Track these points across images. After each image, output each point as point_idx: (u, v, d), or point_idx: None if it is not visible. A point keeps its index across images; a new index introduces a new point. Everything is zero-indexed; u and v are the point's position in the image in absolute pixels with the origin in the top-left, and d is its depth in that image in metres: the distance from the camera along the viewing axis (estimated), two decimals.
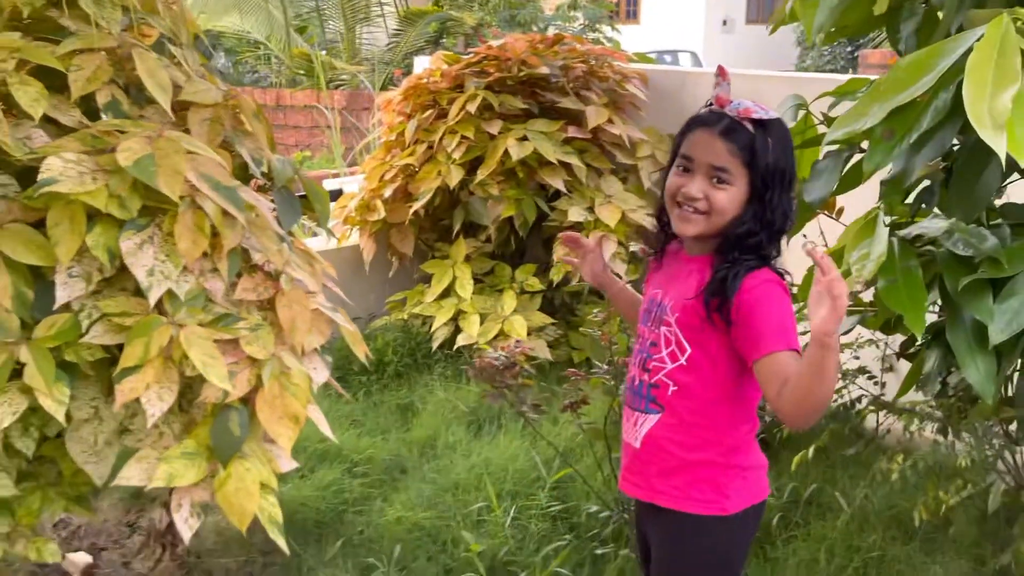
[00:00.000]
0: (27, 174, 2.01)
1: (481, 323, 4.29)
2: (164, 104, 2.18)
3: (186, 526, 2.03)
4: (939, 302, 2.17)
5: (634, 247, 4.02)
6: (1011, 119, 1.59)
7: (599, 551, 2.94)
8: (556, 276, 4.34)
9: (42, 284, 1.95)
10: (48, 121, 2.12)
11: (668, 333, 1.84)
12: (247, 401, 2.04)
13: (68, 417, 1.94)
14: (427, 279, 4.60)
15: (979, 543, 3.06)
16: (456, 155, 4.28)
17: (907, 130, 1.85)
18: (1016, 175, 2.32)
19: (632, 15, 24.54)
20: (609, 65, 4.63)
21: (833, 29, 2.28)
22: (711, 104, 1.83)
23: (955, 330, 2.05)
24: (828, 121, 2.44)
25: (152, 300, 1.88)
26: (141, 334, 1.88)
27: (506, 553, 2.99)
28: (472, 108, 4.29)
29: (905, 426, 2.62)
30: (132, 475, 1.99)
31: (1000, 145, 1.58)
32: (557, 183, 4.25)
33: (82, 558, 3.06)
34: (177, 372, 1.93)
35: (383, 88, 9.38)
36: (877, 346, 2.92)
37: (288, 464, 2.21)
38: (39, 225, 1.96)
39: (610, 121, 4.35)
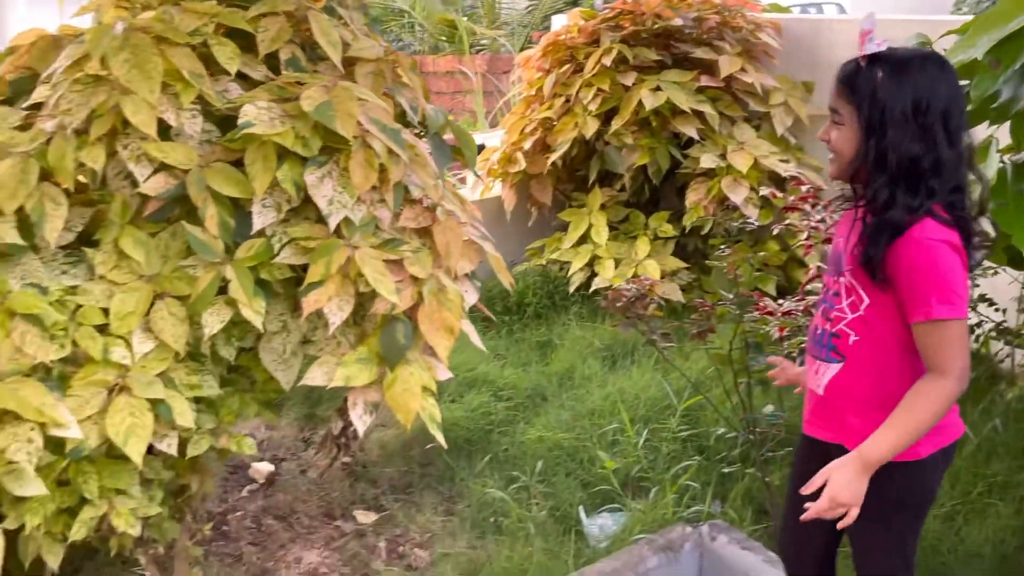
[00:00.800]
0: (225, 122, 2.37)
1: (615, 268, 4.52)
2: (335, 59, 2.49)
3: (360, 421, 2.36)
4: None
5: (764, 191, 4.13)
6: None
7: (726, 470, 3.16)
8: (689, 222, 4.52)
9: (240, 214, 2.31)
10: (239, 76, 2.46)
11: (847, 283, 1.85)
12: (410, 315, 2.35)
13: (262, 328, 2.29)
14: (564, 227, 4.85)
15: None
16: (592, 107, 4.51)
17: (1013, 59, 1.98)
18: None
19: None
20: (742, 15, 4.74)
21: None
22: None
23: None
24: None
25: (332, 225, 2.20)
26: (323, 254, 2.21)
27: (638, 471, 3.24)
28: (607, 61, 4.50)
29: None
30: (315, 377, 2.33)
31: None
32: (690, 131, 4.43)
33: (265, 467, 3.50)
34: (353, 288, 2.25)
35: (522, 51, 9.63)
36: (995, 273, 2.99)
37: (444, 374, 2.50)
38: (236, 164, 2.31)
39: (743, 70, 4.48)
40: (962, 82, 2.35)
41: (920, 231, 1.70)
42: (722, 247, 3.13)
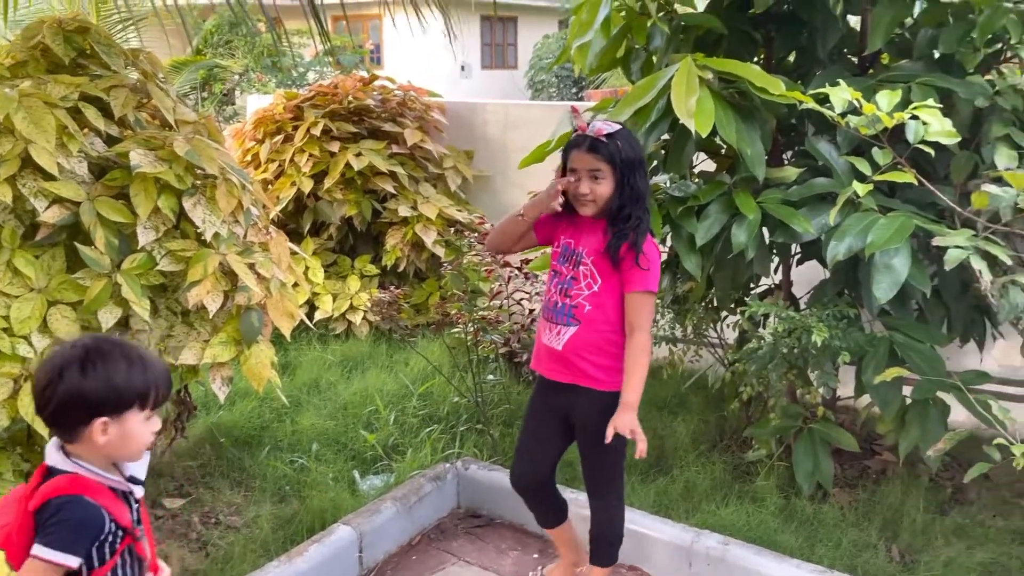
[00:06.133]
0: (93, 166, 3.03)
1: (334, 301, 5.43)
2: (170, 120, 3.26)
3: (220, 392, 3.10)
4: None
5: (448, 237, 5.32)
6: (696, 111, 3.06)
7: (460, 429, 4.20)
8: (388, 262, 5.57)
9: (121, 236, 2.98)
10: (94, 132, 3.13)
11: (585, 271, 2.69)
12: (260, 305, 3.15)
13: (149, 322, 2.97)
14: None
15: (705, 409, 4.58)
16: (306, 169, 5.43)
17: (643, 122, 3.30)
18: (705, 155, 3.87)
19: (376, 61, 25.99)
20: (416, 99, 5.96)
21: (595, 67, 3.74)
22: (576, 131, 2.69)
23: (678, 240, 3.50)
24: None
25: (208, 238, 2.97)
26: (200, 260, 2.96)
27: (394, 440, 4.18)
28: (316, 132, 5.47)
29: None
30: (187, 357, 3.04)
31: (691, 125, 3.03)
32: (388, 187, 5.51)
33: None
34: (221, 285, 3.02)
35: None
36: None
37: (272, 358, 3.30)
38: (117, 197, 2.98)
39: (422, 140, 5.67)
40: None
41: (649, 237, 2.69)
42: (446, 264, 4.22)
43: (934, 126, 2.97)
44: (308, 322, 3.89)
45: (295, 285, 3.53)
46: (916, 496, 3.61)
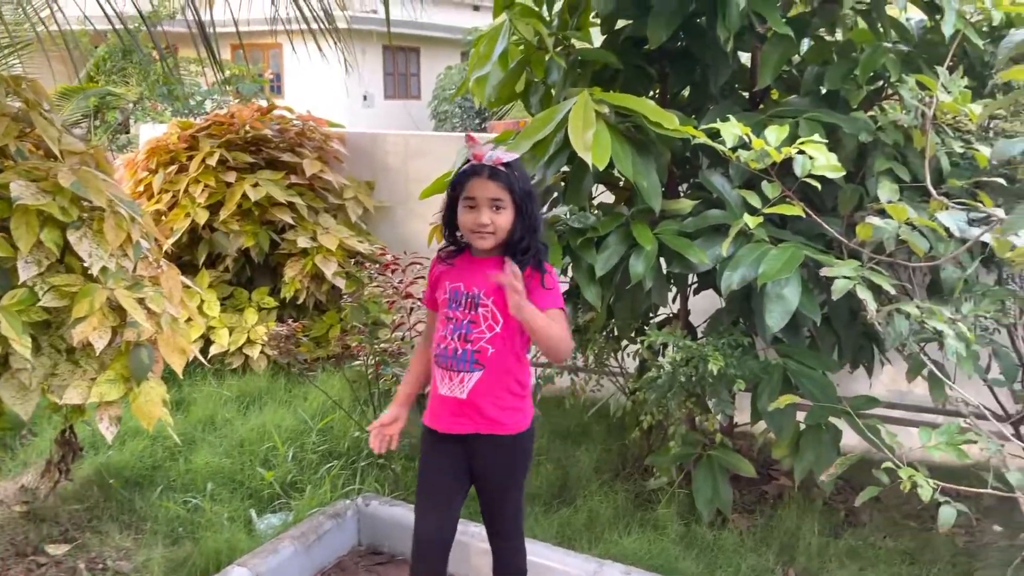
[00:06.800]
0: None
1: (230, 335, 5.30)
2: (55, 151, 3.14)
3: (107, 432, 2.98)
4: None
5: (349, 268, 5.26)
6: (593, 145, 3.10)
7: (361, 464, 4.12)
8: (287, 294, 5.47)
9: (0, 270, 2.85)
10: None
11: (485, 312, 2.53)
12: (152, 341, 3.04)
13: (30, 362, 2.83)
14: None
15: (607, 438, 4.62)
16: (201, 200, 5.30)
17: (542, 155, 3.33)
18: (603, 187, 3.93)
19: (277, 90, 25.67)
20: (315, 129, 5.89)
21: (494, 99, 3.76)
22: (470, 160, 2.52)
23: (578, 271, 3.53)
24: None
25: (95, 272, 2.86)
26: (86, 295, 2.84)
27: (292, 477, 4.08)
28: (211, 162, 5.35)
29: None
30: (72, 396, 2.91)
31: (588, 159, 3.07)
32: (286, 219, 5.42)
33: None
34: (109, 321, 2.91)
35: None
36: None
37: (164, 396, 3.19)
38: None
39: (322, 171, 5.60)
40: None
41: (549, 267, 2.58)
42: (347, 295, 4.17)
43: (820, 160, 3.06)
44: (201, 357, 3.76)
45: (187, 320, 3.42)
46: (811, 520, 3.69)
